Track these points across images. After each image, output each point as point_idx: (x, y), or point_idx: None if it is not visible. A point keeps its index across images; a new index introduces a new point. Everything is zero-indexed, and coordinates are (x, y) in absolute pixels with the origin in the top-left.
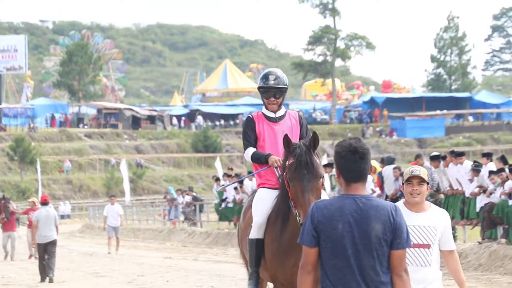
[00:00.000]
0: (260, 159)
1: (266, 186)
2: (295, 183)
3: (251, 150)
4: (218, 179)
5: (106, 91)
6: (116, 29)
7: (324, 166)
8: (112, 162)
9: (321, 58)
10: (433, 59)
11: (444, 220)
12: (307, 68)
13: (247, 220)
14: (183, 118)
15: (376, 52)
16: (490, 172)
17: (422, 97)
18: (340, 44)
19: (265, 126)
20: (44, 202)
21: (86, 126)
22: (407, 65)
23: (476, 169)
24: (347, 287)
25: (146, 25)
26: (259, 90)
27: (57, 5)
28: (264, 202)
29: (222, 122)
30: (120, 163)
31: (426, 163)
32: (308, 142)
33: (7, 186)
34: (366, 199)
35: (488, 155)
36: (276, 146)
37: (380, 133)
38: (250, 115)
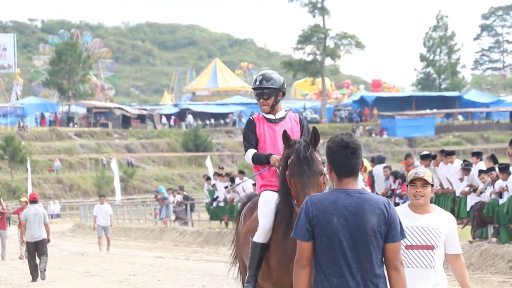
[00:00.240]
0: (261, 160)
1: (269, 189)
2: (295, 179)
3: (252, 151)
4: (208, 178)
5: (95, 90)
6: (105, 28)
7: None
8: (103, 161)
9: (310, 57)
10: (422, 58)
11: (449, 222)
12: (297, 67)
13: (249, 225)
14: (173, 117)
15: (365, 51)
16: (480, 171)
17: (412, 96)
18: (329, 43)
19: (265, 127)
20: (33, 200)
21: (76, 125)
22: (397, 64)
23: (466, 168)
24: (342, 280)
25: (136, 24)
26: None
27: (46, 3)
28: (270, 205)
29: (213, 121)
30: (111, 162)
31: (417, 162)
32: (308, 138)
33: None
34: (359, 193)
35: (478, 154)
36: (277, 147)
37: (369, 132)
38: (250, 118)
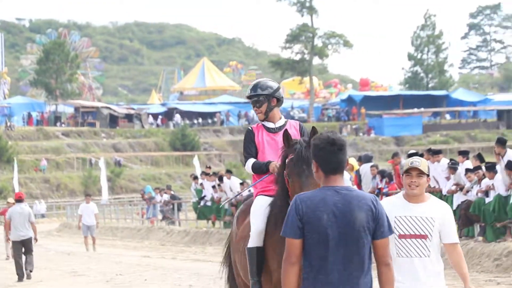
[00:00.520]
0: (261, 168)
1: (264, 194)
2: (294, 179)
3: (251, 161)
4: (196, 178)
5: (83, 90)
6: (93, 27)
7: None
8: (92, 161)
9: (298, 56)
10: (410, 57)
11: (443, 211)
12: (285, 66)
13: (241, 232)
14: (160, 117)
15: (353, 50)
16: (467, 170)
17: (399, 95)
18: (317, 42)
19: (264, 136)
20: (18, 199)
21: (63, 125)
22: (385, 63)
23: (452, 167)
24: (330, 277)
25: (124, 23)
26: None
27: (33, 3)
28: (262, 209)
29: (200, 120)
30: (98, 162)
31: (403, 161)
32: (308, 138)
33: None
34: (347, 190)
35: (464, 153)
36: (277, 155)
37: (356, 131)
38: (249, 127)
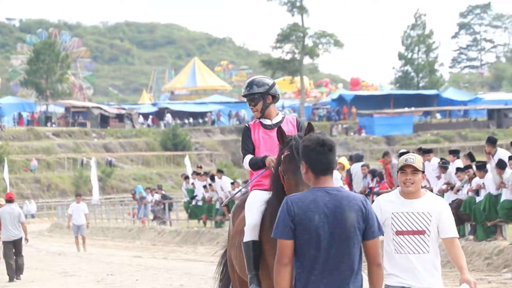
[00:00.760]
0: (257, 163)
1: (258, 188)
2: (289, 176)
3: (249, 157)
4: (187, 177)
5: (74, 90)
6: (83, 27)
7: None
8: (83, 161)
9: (289, 56)
10: (400, 57)
11: (440, 206)
12: (276, 66)
13: (236, 227)
14: (151, 117)
15: (344, 49)
16: (458, 169)
17: (390, 94)
18: (308, 42)
19: (261, 133)
20: (9, 200)
21: (54, 125)
22: (375, 62)
23: (443, 166)
24: (321, 276)
25: (114, 23)
26: None
27: (24, 3)
28: (257, 203)
29: (191, 120)
30: (89, 162)
31: (394, 161)
32: (303, 133)
33: None
34: (337, 191)
35: (455, 152)
36: (273, 151)
37: (346, 130)
38: (247, 124)
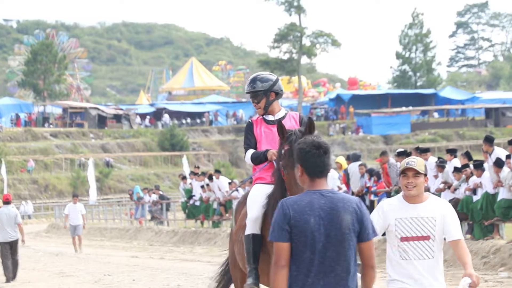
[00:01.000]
0: (259, 157)
1: (260, 182)
2: (289, 171)
3: (250, 151)
4: (184, 178)
5: (71, 90)
6: (81, 28)
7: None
8: (82, 161)
9: (287, 56)
10: (398, 56)
11: (443, 210)
12: (273, 65)
13: (239, 222)
14: (148, 117)
15: (341, 49)
16: (455, 168)
17: (387, 93)
18: (305, 41)
19: (263, 128)
20: (6, 201)
21: (51, 126)
22: (373, 62)
23: (440, 165)
24: (317, 278)
25: (111, 23)
26: None
27: (21, 4)
28: (258, 197)
29: (189, 120)
30: (87, 162)
31: (392, 160)
32: (304, 128)
33: None
34: (332, 193)
35: (452, 151)
36: (275, 145)
37: (343, 130)
38: (249, 120)
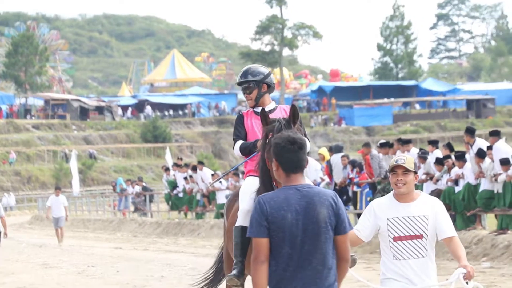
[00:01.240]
0: (248, 147)
1: (252, 174)
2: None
3: (239, 142)
4: (167, 169)
5: (53, 82)
6: (62, 19)
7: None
8: (66, 153)
9: (268, 48)
10: (379, 48)
11: (435, 208)
12: (255, 57)
13: (231, 219)
14: (130, 109)
15: (323, 41)
16: (437, 159)
17: (369, 85)
18: (287, 33)
19: (253, 120)
20: None
21: (33, 117)
22: (354, 54)
23: (422, 156)
24: (296, 272)
25: (92, 15)
26: None
27: None
28: (250, 190)
29: (171, 112)
30: (70, 154)
31: (374, 151)
32: (290, 119)
33: None
34: (308, 188)
35: (434, 143)
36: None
37: (325, 121)
38: (240, 112)
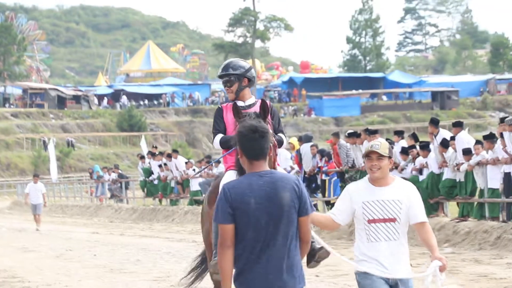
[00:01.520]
0: (228, 142)
1: (233, 169)
2: None
3: (219, 136)
4: (143, 157)
5: (31, 72)
6: (39, 10)
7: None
8: (45, 141)
9: (241, 40)
10: (348, 41)
11: (409, 193)
12: (228, 49)
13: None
14: (106, 98)
15: (294, 33)
16: (402, 148)
17: (338, 77)
18: (259, 26)
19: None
20: None
21: (12, 106)
22: (324, 46)
23: None
24: (261, 253)
25: (69, 6)
26: None
27: None
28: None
29: (146, 101)
30: (50, 142)
31: (342, 141)
32: (262, 113)
33: None
34: (271, 173)
35: (400, 133)
36: None
37: (295, 112)
38: (219, 106)
